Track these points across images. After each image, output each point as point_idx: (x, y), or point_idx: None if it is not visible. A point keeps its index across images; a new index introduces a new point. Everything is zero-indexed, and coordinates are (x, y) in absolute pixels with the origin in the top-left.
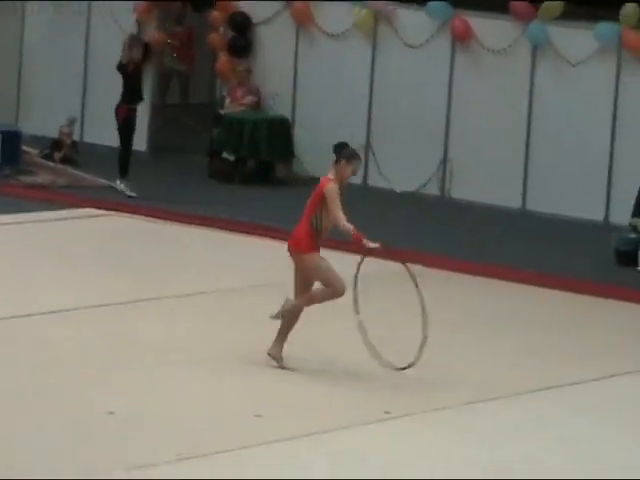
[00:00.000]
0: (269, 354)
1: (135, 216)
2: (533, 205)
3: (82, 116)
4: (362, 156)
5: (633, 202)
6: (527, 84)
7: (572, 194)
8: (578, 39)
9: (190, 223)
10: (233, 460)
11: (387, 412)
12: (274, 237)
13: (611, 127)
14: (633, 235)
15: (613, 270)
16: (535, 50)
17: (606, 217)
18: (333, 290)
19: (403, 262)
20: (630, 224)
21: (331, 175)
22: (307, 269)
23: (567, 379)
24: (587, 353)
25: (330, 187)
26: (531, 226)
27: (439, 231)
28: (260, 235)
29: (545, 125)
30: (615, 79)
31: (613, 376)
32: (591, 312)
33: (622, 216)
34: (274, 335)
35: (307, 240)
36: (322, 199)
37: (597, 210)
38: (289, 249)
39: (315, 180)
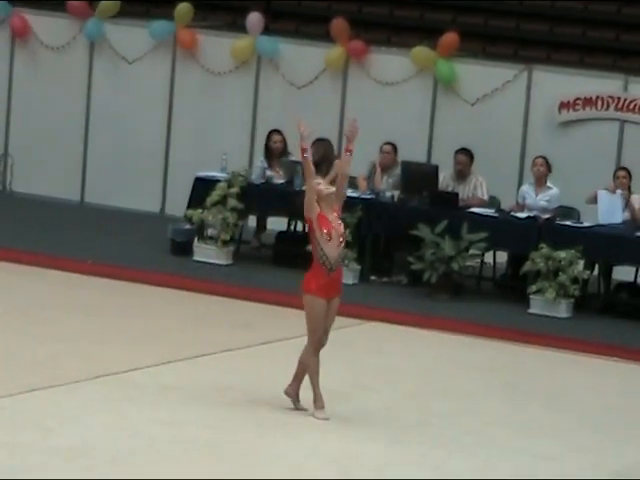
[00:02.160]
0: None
1: None
2: (92, 198)
3: None
4: None
5: (188, 195)
6: (85, 80)
7: (130, 187)
8: (134, 36)
9: None
10: None
11: None
12: None
13: (166, 122)
14: (188, 226)
15: (169, 260)
16: (92, 47)
17: (162, 209)
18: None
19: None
20: (185, 215)
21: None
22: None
23: (127, 365)
24: (146, 339)
25: None
26: (91, 218)
27: (1, 224)
28: None
29: (103, 120)
30: (170, 75)
31: (169, 362)
32: (149, 300)
33: (177, 208)
34: None
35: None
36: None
37: (154, 202)
38: (337, 295)
39: None
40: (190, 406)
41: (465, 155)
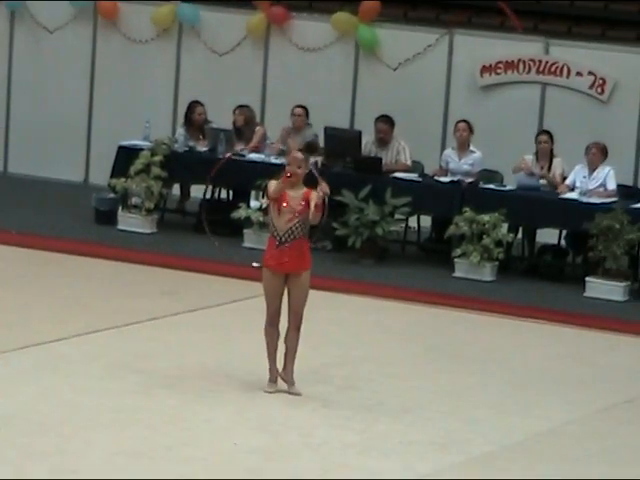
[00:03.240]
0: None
1: None
2: (15, 168)
3: None
4: None
5: (111, 164)
6: (6, 50)
7: (53, 157)
8: (55, 6)
9: None
10: None
11: None
12: None
13: (89, 91)
14: (111, 195)
15: (93, 229)
16: (13, 17)
17: (86, 178)
18: None
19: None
20: (109, 184)
21: None
22: (305, 288)
23: (53, 335)
24: (71, 309)
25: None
26: (14, 188)
27: None
28: None
29: (25, 89)
30: (92, 44)
31: (95, 331)
32: (73, 270)
33: (101, 177)
34: None
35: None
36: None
37: (77, 171)
38: (291, 270)
39: None
40: (117, 375)
41: (385, 123)
